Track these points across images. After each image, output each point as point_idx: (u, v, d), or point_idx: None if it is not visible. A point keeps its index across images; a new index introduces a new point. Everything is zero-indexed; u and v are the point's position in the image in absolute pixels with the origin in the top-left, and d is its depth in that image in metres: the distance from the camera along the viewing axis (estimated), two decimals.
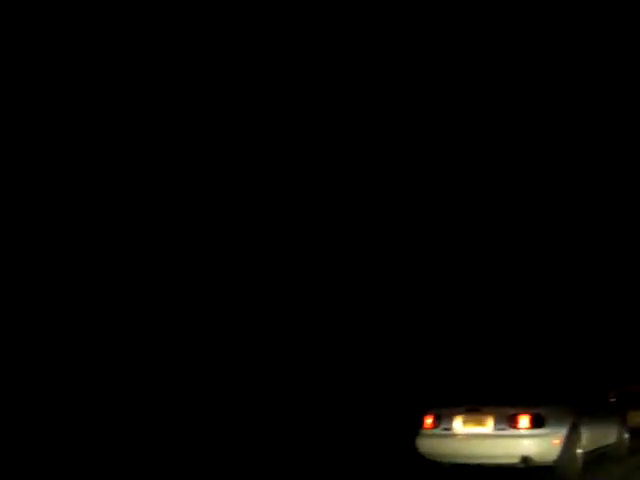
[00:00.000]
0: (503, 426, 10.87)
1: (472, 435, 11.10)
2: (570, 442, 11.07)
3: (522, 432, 10.78)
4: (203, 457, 14.07)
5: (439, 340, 21.89)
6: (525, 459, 10.74)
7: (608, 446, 12.81)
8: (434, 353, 20.92)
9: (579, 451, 11.36)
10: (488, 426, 10.98)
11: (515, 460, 10.79)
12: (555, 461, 10.89)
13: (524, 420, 10.79)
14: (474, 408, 11.23)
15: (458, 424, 11.22)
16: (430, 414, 11.53)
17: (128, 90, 20.57)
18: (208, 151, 22.07)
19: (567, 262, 27.17)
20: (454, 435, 11.21)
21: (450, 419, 11.29)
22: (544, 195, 27.34)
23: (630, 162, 27.58)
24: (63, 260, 19.29)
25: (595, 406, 12.29)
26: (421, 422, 11.61)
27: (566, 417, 11.18)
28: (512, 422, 10.82)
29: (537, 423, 10.78)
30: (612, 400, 13.17)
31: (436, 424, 11.43)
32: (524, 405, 11.06)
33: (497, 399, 11.47)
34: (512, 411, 10.90)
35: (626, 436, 13.56)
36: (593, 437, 11.92)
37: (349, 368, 20.01)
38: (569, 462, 11.06)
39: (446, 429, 11.29)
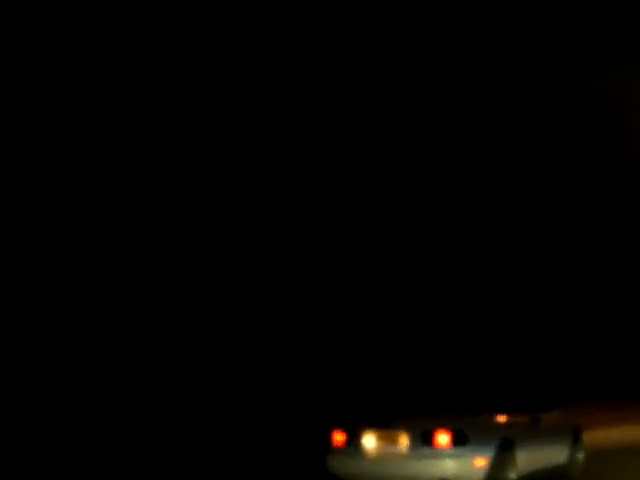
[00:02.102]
0: (419, 444, 9.27)
1: (385, 454, 9.50)
2: (500, 463, 9.44)
3: (440, 451, 9.17)
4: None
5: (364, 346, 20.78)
6: None
7: (556, 468, 11.14)
8: (355, 359, 19.72)
9: (512, 475, 9.72)
10: (402, 444, 9.37)
11: None
12: None
13: (442, 437, 9.18)
14: (387, 423, 9.64)
15: (370, 442, 9.61)
16: (339, 430, 9.91)
17: (128, 90, 20.36)
18: (208, 151, 21.87)
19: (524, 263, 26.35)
20: (365, 454, 9.61)
21: (361, 436, 9.68)
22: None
23: (627, 161, 26.85)
24: (62, 260, 19.16)
25: (537, 420, 10.63)
26: (330, 439, 10.01)
27: (495, 433, 9.56)
28: (428, 440, 9.22)
29: (457, 441, 9.16)
30: (561, 413, 11.49)
31: (346, 441, 9.81)
32: (443, 419, 9.46)
33: (413, 412, 9.87)
34: (428, 426, 9.30)
35: (580, 456, 11.86)
36: (533, 457, 10.26)
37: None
38: None
39: (356, 447, 9.68)
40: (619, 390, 22.19)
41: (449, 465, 9.14)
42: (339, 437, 9.88)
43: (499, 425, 9.77)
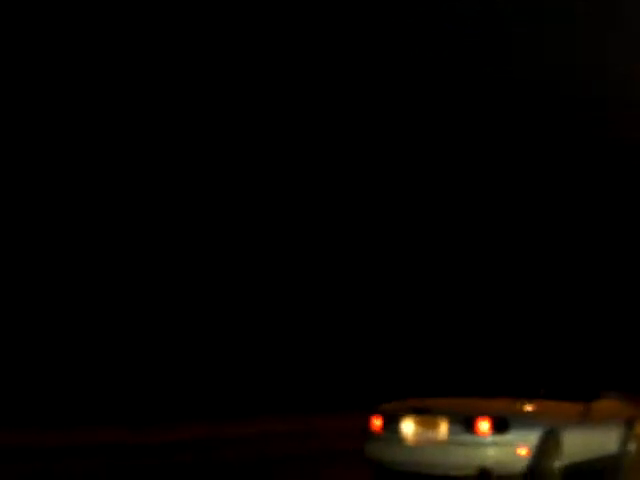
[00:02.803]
0: (458, 431, 8.95)
1: (423, 441, 9.20)
2: (544, 452, 9.07)
3: (480, 439, 8.84)
4: None
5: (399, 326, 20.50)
6: (483, 471, 8.81)
7: (605, 458, 10.71)
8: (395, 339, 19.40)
9: (557, 464, 9.34)
10: (442, 431, 9.06)
11: (472, 472, 8.87)
12: (523, 475, 8.93)
13: (483, 424, 8.84)
14: (426, 408, 9.33)
15: (408, 427, 9.32)
16: (378, 414, 9.65)
17: (128, 90, 20.44)
18: (207, 151, 21.84)
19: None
20: (403, 440, 9.32)
21: (399, 421, 9.39)
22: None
23: (627, 161, 26.37)
24: (62, 258, 19.26)
25: (586, 408, 10.21)
26: (369, 423, 9.75)
27: (539, 420, 9.18)
28: (469, 426, 8.89)
29: (499, 428, 8.82)
30: (614, 402, 11.03)
31: (384, 426, 9.54)
32: (484, 405, 9.12)
33: (454, 396, 9.55)
34: (469, 413, 8.97)
35: (633, 446, 11.39)
36: (580, 446, 9.86)
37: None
38: (541, 476, 9.08)
39: (395, 433, 9.39)
40: None
41: (490, 453, 8.81)
42: (377, 422, 9.62)
43: (544, 412, 9.36)
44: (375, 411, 9.70)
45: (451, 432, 8.98)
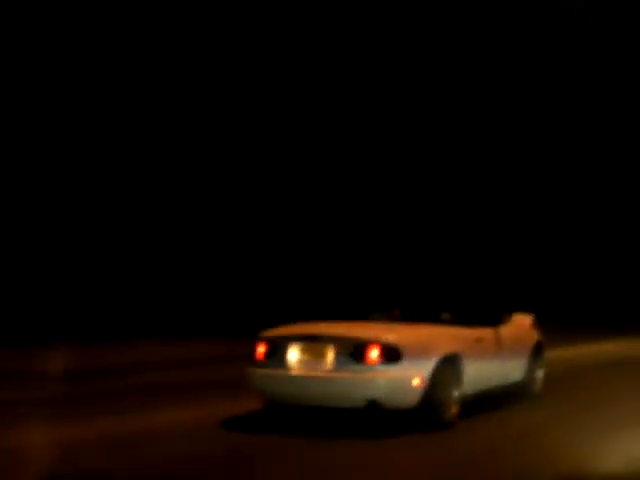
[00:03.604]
0: (346, 360, 8.12)
1: (308, 370, 8.35)
2: (440, 382, 8.31)
3: (369, 368, 8.03)
4: None
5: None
6: (372, 404, 8.02)
7: (511, 385, 10.04)
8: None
9: (455, 394, 8.60)
10: (328, 360, 8.22)
11: (360, 404, 8.08)
12: (416, 406, 8.18)
13: (372, 353, 8.02)
14: (313, 334, 8.48)
15: (293, 355, 8.45)
16: (262, 341, 8.75)
17: (128, 90, 20.32)
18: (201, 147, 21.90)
19: None
20: (287, 370, 8.46)
21: (284, 348, 8.51)
22: None
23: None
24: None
25: (490, 333, 9.46)
26: (253, 350, 8.85)
27: (435, 348, 8.40)
28: (357, 355, 8.07)
29: (389, 357, 8.01)
30: (521, 327, 10.32)
31: (268, 355, 8.65)
32: (374, 332, 8.30)
33: (343, 322, 8.71)
34: (358, 340, 8.14)
35: (540, 374, 10.73)
36: (483, 374, 9.14)
37: None
38: (437, 406, 8.33)
39: (278, 361, 8.52)
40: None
41: (379, 384, 8.02)
42: (261, 349, 8.72)
43: (441, 339, 8.58)
44: (260, 335, 8.81)
45: (338, 361, 8.16)
